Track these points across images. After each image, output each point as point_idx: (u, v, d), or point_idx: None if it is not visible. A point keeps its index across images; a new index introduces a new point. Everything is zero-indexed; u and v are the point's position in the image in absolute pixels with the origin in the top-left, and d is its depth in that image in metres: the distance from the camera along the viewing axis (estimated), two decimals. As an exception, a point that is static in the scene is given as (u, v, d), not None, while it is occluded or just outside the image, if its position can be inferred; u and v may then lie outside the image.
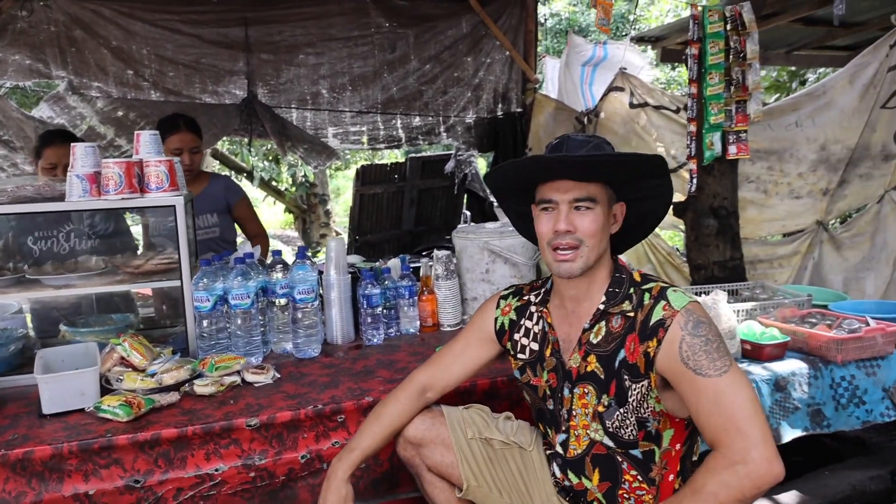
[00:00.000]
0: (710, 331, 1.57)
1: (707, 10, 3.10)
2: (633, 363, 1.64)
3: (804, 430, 2.51)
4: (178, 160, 2.41)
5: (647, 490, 1.70)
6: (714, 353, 1.54)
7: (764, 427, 1.46)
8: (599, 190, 1.68)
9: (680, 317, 1.59)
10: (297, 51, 4.85)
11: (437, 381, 1.93)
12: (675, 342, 1.57)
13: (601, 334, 1.71)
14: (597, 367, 1.70)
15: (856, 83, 4.27)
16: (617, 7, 14.75)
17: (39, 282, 2.27)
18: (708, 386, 1.52)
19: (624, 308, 1.69)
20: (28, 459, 1.74)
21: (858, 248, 4.58)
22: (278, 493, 1.96)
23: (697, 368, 1.53)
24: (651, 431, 1.68)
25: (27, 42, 4.32)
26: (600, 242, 1.69)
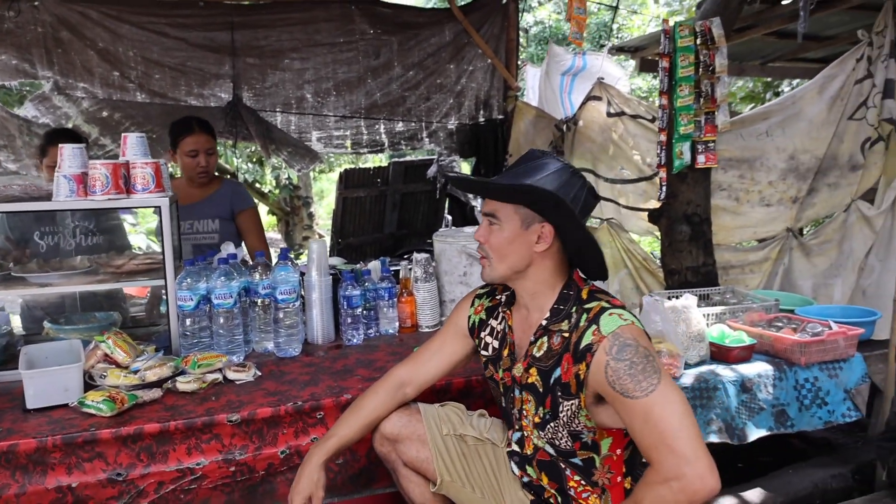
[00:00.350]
0: (635, 353, 1.61)
1: (678, 25, 3.21)
2: (567, 382, 1.71)
3: (769, 429, 2.60)
4: (163, 161, 2.45)
5: (591, 491, 1.78)
6: (639, 375, 1.58)
7: (694, 442, 1.50)
8: (508, 210, 1.76)
9: (606, 342, 1.64)
10: (283, 55, 4.91)
11: (416, 377, 2.00)
12: (601, 367, 1.63)
13: (543, 349, 1.78)
14: (536, 380, 1.78)
15: (824, 94, 4.40)
16: (600, 17, 14.95)
17: (24, 279, 2.32)
18: (636, 407, 1.56)
19: (562, 327, 1.76)
20: (12, 452, 1.79)
21: (826, 254, 4.71)
22: (258, 488, 2.02)
23: (624, 391, 1.58)
24: (587, 442, 1.75)
25: (13, 42, 4.34)
26: (507, 257, 1.77)
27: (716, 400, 2.53)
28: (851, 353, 2.72)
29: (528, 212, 1.75)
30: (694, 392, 2.49)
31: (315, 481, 1.83)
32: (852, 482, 3.06)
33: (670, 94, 3.31)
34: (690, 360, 2.63)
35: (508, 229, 1.76)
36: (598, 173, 5.31)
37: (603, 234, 5.39)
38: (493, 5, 5.33)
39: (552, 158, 1.78)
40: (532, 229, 1.76)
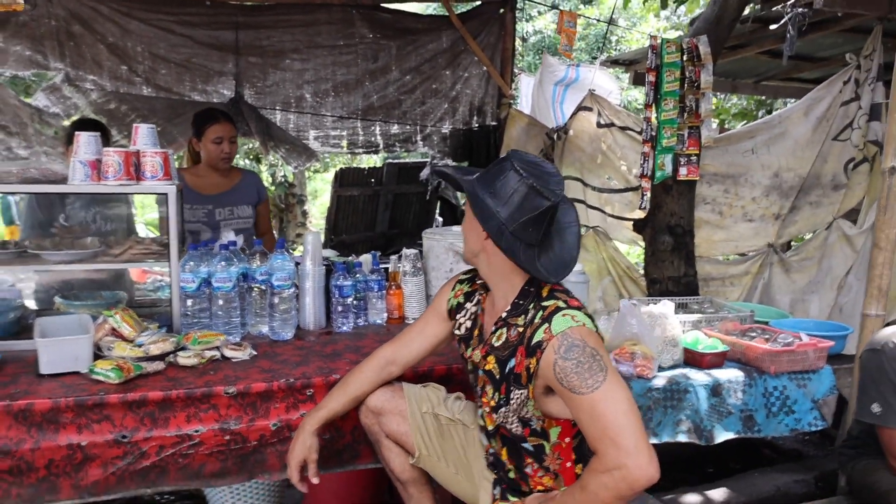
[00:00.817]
0: (581, 353, 1.71)
1: (665, 42, 3.39)
2: (518, 373, 1.85)
3: (736, 433, 2.71)
4: (170, 151, 2.62)
5: (545, 473, 1.94)
6: (585, 374, 1.68)
7: (636, 435, 1.60)
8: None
9: (555, 341, 1.75)
10: (284, 56, 5.09)
11: (400, 356, 2.18)
12: (549, 364, 1.75)
13: (501, 340, 1.93)
14: (494, 368, 1.93)
15: (810, 115, 4.54)
16: (599, 28, 15.16)
17: (39, 256, 2.48)
18: (583, 402, 1.67)
19: (518, 322, 1.89)
20: (29, 411, 1.95)
21: (806, 271, 4.86)
22: (250, 457, 2.18)
23: (571, 388, 1.69)
24: (536, 429, 1.89)
25: (28, 34, 4.50)
26: (467, 241, 1.97)
27: (686, 402, 2.64)
28: (821, 365, 2.82)
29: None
30: (665, 393, 2.61)
31: (308, 447, 2.01)
32: (815, 488, 3.21)
33: (655, 108, 3.48)
34: (664, 364, 2.75)
35: (468, 215, 1.95)
36: (585, 182, 5.47)
37: (588, 242, 5.55)
38: (491, 14, 5.52)
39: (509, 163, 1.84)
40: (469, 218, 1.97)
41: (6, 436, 1.93)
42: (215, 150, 3.52)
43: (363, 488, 2.80)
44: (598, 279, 5.39)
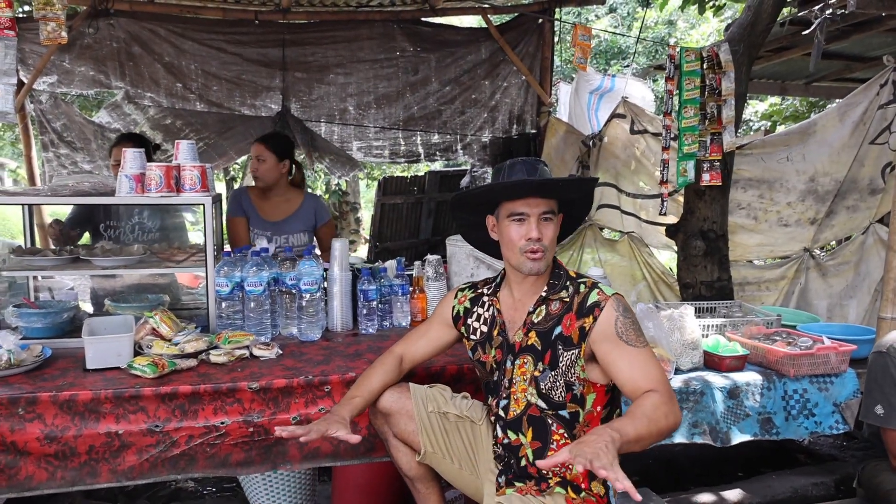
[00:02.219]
0: (634, 317, 2.00)
1: (684, 51, 3.43)
2: (568, 336, 2.02)
3: (753, 435, 2.72)
4: (210, 165, 2.84)
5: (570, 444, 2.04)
6: (639, 331, 1.99)
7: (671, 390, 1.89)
8: (555, 205, 2.09)
9: (612, 301, 1.99)
10: (328, 70, 5.33)
11: (409, 354, 2.34)
12: (610, 319, 1.97)
13: (542, 315, 2.10)
14: (535, 341, 2.08)
15: (846, 120, 4.49)
16: (656, 31, 15.02)
17: (90, 262, 2.73)
18: (635, 353, 1.93)
19: (561, 295, 2.08)
20: (73, 401, 2.17)
21: (843, 275, 4.79)
22: (272, 448, 2.34)
23: (629, 341, 1.95)
24: (577, 394, 2.04)
25: (92, 56, 4.88)
26: (554, 248, 2.11)
27: (702, 404, 2.67)
28: (844, 369, 2.80)
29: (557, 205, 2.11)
30: (681, 395, 2.64)
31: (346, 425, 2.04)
32: (834, 491, 3.19)
33: (676, 115, 3.52)
34: (683, 367, 2.79)
35: (557, 222, 2.12)
36: (620, 188, 5.51)
37: (623, 247, 5.58)
38: (529, 25, 5.62)
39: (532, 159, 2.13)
40: (558, 220, 2.13)
41: (53, 423, 2.15)
42: (251, 165, 3.77)
43: (387, 483, 2.94)
44: (633, 284, 5.41)
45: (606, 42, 15.75)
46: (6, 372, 2.29)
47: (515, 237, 2.06)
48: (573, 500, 2.04)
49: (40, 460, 2.15)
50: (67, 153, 4.86)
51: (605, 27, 15.11)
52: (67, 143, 4.86)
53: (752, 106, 12.98)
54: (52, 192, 2.66)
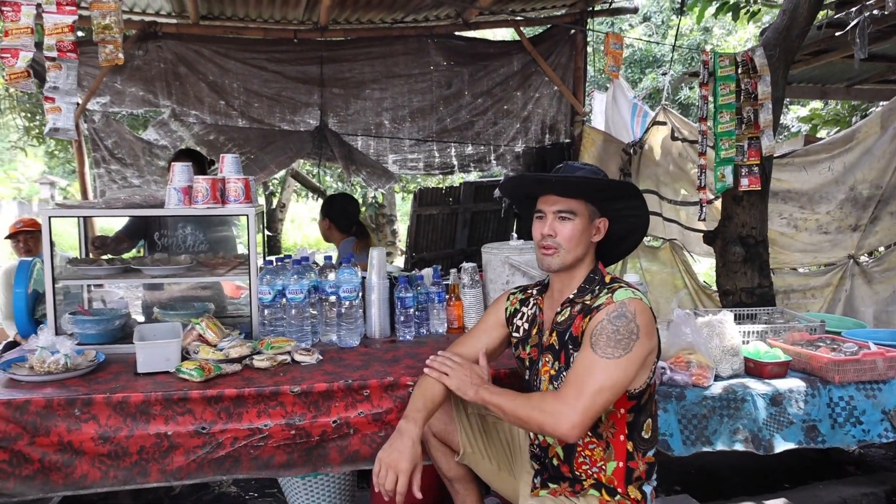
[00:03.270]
0: (625, 326, 1.92)
1: (717, 56, 3.44)
2: (576, 336, 2.04)
3: (798, 443, 2.69)
4: (253, 178, 2.94)
5: (597, 443, 2.07)
6: (612, 342, 1.91)
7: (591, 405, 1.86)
8: (580, 205, 2.07)
9: (613, 305, 1.96)
10: (364, 86, 5.46)
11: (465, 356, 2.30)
12: (597, 320, 1.96)
13: (565, 316, 2.12)
14: (555, 341, 2.12)
15: (889, 127, 4.44)
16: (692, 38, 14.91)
17: (140, 271, 2.85)
18: (589, 357, 1.92)
19: (584, 299, 2.09)
20: (125, 402, 2.27)
21: (889, 282, 4.70)
22: (313, 451, 2.41)
23: (594, 344, 1.93)
24: None
25: (141, 77, 5.08)
26: (576, 247, 2.08)
27: (743, 411, 2.65)
28: (892, 375, 2.75)
29: (594, 208, 2.11)
30: (721, 402, 2.64)
31: (418, 454, 1.99)
32: (885, 503, 3.11)
33: (711, 121, 3.52)
34: (723, 373, 2.77)
35: (581, 223, 2.08)
36: (661, 195, 5.50)
37: (664, 254, 5.56)
38: (562, 36, 5.67)
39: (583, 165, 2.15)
40: (595, 223, 2.12)
41: (107, 424, 2.26)
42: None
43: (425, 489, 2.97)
44: (674, 291, 5.39)
45: (641, 51, 15.69)
46: (63, 375, 2.41)
47: (535, 234, 2.14)
48: (607, 503, 2.06)
49: (94, 459, 2.25)
50: (118, 169, 5.06)
51: (640, 36, 15.04)
52: (118, 160, 5.07)
53: (793, 111, 12.77)
54: (106, 205, 2.79)
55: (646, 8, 16.11)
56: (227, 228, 3.82)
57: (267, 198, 12.79)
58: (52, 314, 2.65)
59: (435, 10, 5.38)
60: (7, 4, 2.64)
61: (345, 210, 4.04)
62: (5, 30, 2.67)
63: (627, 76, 14.73)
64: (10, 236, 4.32)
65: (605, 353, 1.90)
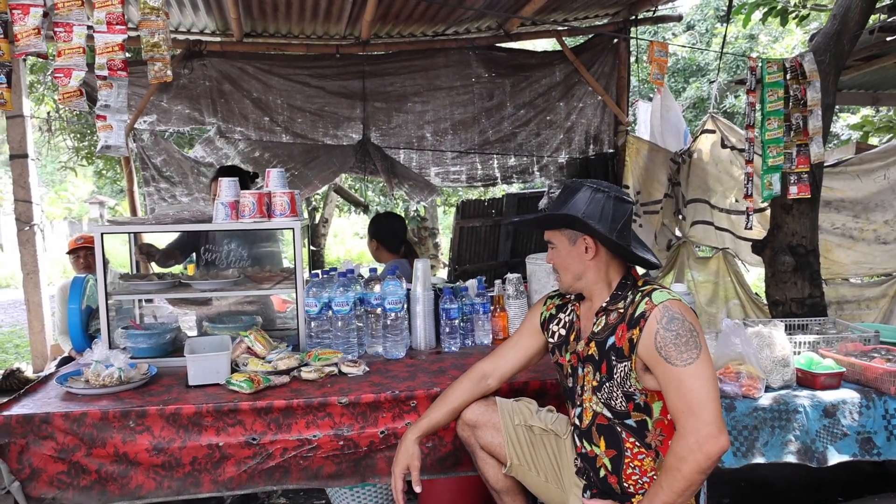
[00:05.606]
0: (681, 326, 1.90)
1: (765, 62, 3.37)
2: (620, 347, 2.01)
3: (852, 455, 2.60)
4: (298, 192, 2.98)
5: (646, 453, 2.03)
6: (682, 347, 1.87)
7: (714, 409, 1.80)
8: (555, 234, 2.15)
9: (657, 311, 1.94)
10: (406, 99, 5.49)
11: (496, 369, 2.36)
12: (651, 333, 1.92)
13: (601, 325, 2.10)
14: (594, 351, 2.09)
15: (946, 131, 4.29)
16: (737, 45, 14.68)
17: (190, 285, 2.90)
18: (673, 374, 1.86)
19: (619, 307, 2.08)
20: (178, 414, 2.31)
21: (949, 293, 4.54)
22: (361, 461, 2.42)
23: (668, 358, 1.88)
24: (640, 403, 2.01)
25: (187, 95, 5.20)
26: (571, 269, 2.14)
27: (795, 422, 2.58)
28: None
29: (570, 231, 2.11)
30: (772, 413, 2.57)
31: (411, 454, 2.22)
32: (947, 518, 2.98)
33: (759, 128, 3.45)
34: (774, 384, 2.71)
35: (562, 249, 2.15)
36: (712, 203, 5.40)
37: (715, 264, 5.45)
38: (604, 45, 5.63)
39: (580, 184, 2.12)
40: (578, 243, 2.12)
41: (160, 435, 2.30)
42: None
43: (472, 500, 2.96)
44: (724, 301, 5.28)
45: (685, 60, 15.52)
46: (118, 388, 2.46)
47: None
48: None
49: (149, 470, 2.29)
50: (167, 187, 5.18)
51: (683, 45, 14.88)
52: (166, 178, 5.19)
53: (843, 119, 12.44)
54: (156, 221, 2.85)
55: (689, 16, 15.96)
56: (271, 244, 3.87)
57: (310, 213, 12.97)
58: (106, 329, 2.72)
59: (476, 23, 5.40)
60: (60, 25, 2.72)
61: (391, 229, 4.05)
62: (58, 50, 2.75)
63: (671, 85, 14.57)
64: (71, 252, 4.45)
65: (684, 362, 1.86)
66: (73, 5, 2.70)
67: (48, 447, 2.25)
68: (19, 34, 2.61)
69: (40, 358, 4.91)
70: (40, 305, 4.90)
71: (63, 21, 2.72)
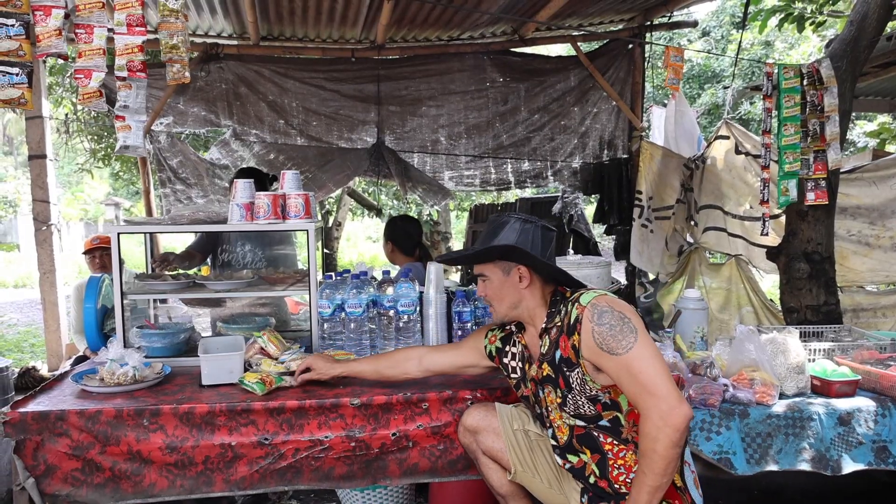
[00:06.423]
0: (612, 317, 1.94)
1: (782, 68, 3.35)
2: (567, 356, 2.03)
3: (868, 464, 2.58)
4: (312, 193, 3.00)
5: (625, 448, 2.03)
6: (619, 335, 1.91)
7: (666, 383, 1.83)
8: (488, 267, 2.19)
9: (587, 311, 1.97)
10: (421, 103, 5.51)
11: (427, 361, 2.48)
12: (588, 332, 1.96)
13: (546, 345, 2.12)
14: (549, 371, 2.10)
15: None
16: (752, 52, 14.61)
17: (205, 286, 2.92)
18: (621, 362, 1.89)
19: (556, 322, 2.10)
20: (191, 413, 2.32)
21: (967, 300, 4.48)
22: (372, 463, 2.43)
23: (609, 350, 1.91)
24: (606, 402, 2.02)
25: (203, 97, 5.24)
26: (506, 299, 2.17)
27: (809, 430, 2.56)
28: None
29: (504, 262, 2.15)
30: (786, 420, 2.56)
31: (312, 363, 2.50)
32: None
33: (775, 134, 3.43)
34: (788, 391, 2.70)
35: (495, 280, 2.18)
36: (725, 210, 5.36)
37: (728, 270, 5.41)
38: (619, 50, 5.62)
39: (507, 217, 2.17)
40: (512, 273, 2.15)
41: (174, 434, 2.31)
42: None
43: (481, 499, 2.95)
44: (737, 308, 5.24)
45: (699, 66, 15.46)
46: (132, 387, 2.48)
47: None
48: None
49: (162, 469, 2.30)
50: (182, 189, 5.22)
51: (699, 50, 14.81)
52: (182, 180, 5.23)
53: (860, 126, 12.35)
54: (172, 221, 2.87)
55: (705, 23, 15.89)
56: (285, 247, 3.89)
57: (323, 216, 13.03)
58: (121, 328, 2.74)
59: (491, 27, 5.41)
60: (81, 27, 2.76)
61: (406, 232, 4.05)
62: (79, 51, 2.78)
63: (685, 91, 14.52)
64: (87, 252, 4.50)
65: (625, 348, 1.89)
66: (94, 7, 2.73)
67: (63, 444, 2.27)
68: (41, 35, 2.65)
69: (55, 357, 4.96)
70: (56, 305, 4.95)
71: (84, 23, 2.75)
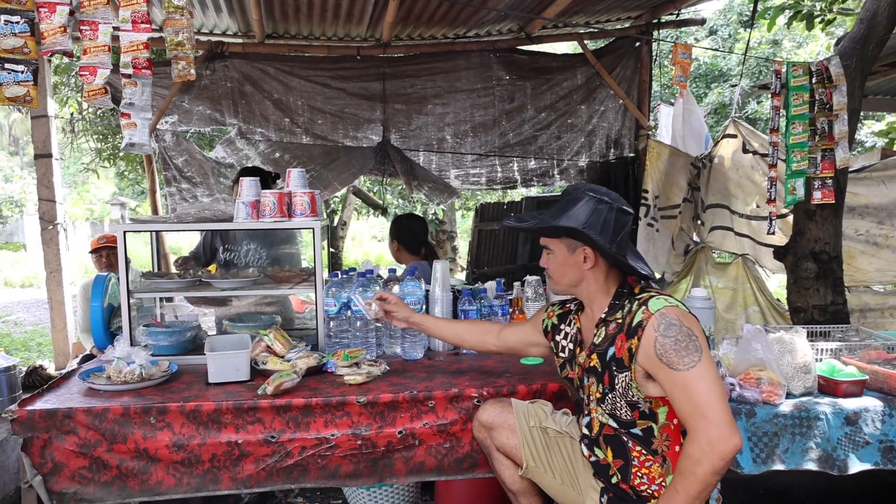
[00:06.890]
0: (679, 332, 1.88)
1: (791, 65, 3.32)
2: (620, 357, 1.99)
3: (874, 464, 2.56)
4: (318, 193, 2.99)
5: (653, 460, 2.01)
6: (683, 351, 1.86)
7: (722, 409, 1.79)
8: (554, 241, 2.14)
9: (654, 319, 1.92)
10: (427, 101, 5.50)
11: (504, 335, 2.56)
12: (650, 341, 1.91)
13: (601, 336, 2.09)
14: (597, 363, 2.08)
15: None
16: (760, 51, 14.56)
17: (210, 284, 2.92)
18: (678, 378, 1.85)
19: (616, 317, 2.06)
20: (198, 411, 2.32)
21: (976, 301, 4.45)
22: (379, 461, 2.42)
23: (669, 364, 1.87)
24: (645, 411, 1.99)
25: (208, 95, 5.24)
26: (567, 276, 2.14)
27: (816, 430, 2.55)
28: None
29: (570, 240, 2.10)
30: (793, 420, 2.54)
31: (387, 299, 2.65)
32: None
33: (783, 132, 3.41)
34: (795, 391, 2.68)
35: (559, 255, 2.14)
36: (732, 209, 5.34)
37: (734, 270, 5.39)
38: (626, 48, 5.60)
39: (583, 193, 2.08)
40: (577, 252, 2.10)
41: (180, 432, 2.31)
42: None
43: (487, 497, 2.95)
44: (743, 307, 5.21)
45: (707, 65, 15.41)
46: (139, 385, 2.48)
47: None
48: None
49: (168, 466, 2.30)
50: (188, 188, 5.22)
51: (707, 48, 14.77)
52: (187, 179, 5.23)
53: (868, 126, 12.29)
54: (178, 219, 2.87)
55: (712, 21, 15.84)
56: (290, 246, 3.88)
57: (328, 216, 13.04)
58: (128, 326, 2.74)
59: (497, 25, 5.40)
60: (86, 23, 2.76)
61: (412, 230, 4.04)
62: (84, 48, 2.78)
63: (692, 90, 14.46)
64: (94, 251, 4.50)
65: (687, 366, 1.85)
66: (99, 4, 2.73)
67: (70, 442, 2.28)
68: (46, 32, 2.65)
69: (62, 355, 4.96)
70: (63, 304, 4.96)
71: (89, 19, 2.75)
